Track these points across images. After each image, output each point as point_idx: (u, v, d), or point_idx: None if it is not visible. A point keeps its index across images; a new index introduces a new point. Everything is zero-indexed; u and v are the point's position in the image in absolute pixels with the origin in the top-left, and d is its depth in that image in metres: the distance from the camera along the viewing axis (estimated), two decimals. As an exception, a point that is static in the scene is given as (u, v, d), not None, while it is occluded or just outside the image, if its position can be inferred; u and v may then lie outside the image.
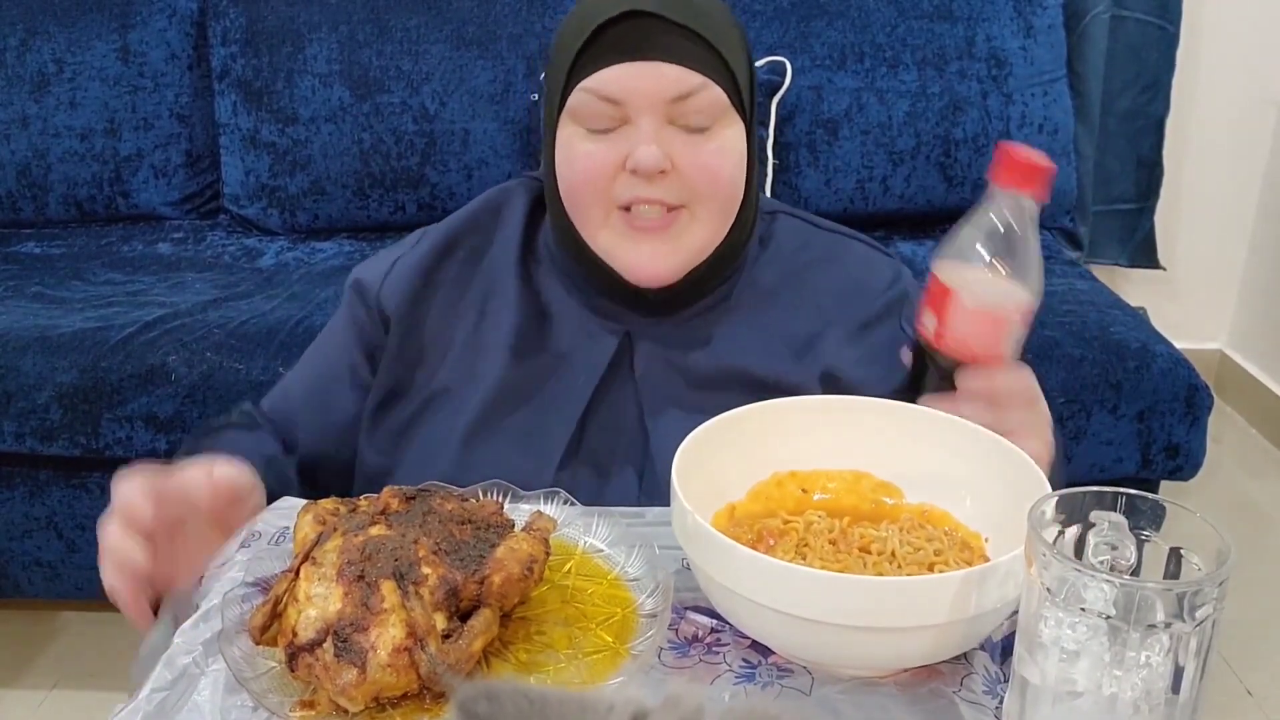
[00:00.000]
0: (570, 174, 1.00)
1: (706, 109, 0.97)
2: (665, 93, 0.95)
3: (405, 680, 0.68)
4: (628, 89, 0.95)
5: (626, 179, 0.97)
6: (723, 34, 0.98)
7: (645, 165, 0.95)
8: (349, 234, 2.35)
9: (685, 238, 1.00)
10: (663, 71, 0.95)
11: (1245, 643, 1.96)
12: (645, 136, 0.96)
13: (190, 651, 0.75)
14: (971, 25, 2.22)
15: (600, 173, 0.98)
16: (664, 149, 0.96)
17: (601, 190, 0.99)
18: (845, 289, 1.09)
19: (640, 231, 0.99)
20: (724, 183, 1.00)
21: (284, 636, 0.70)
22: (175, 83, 2.38)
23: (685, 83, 0.95)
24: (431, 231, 1.14)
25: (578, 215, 1.02)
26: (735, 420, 0.86)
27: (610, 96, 0.96)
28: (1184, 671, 0.58)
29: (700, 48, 0.96)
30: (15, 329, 1.86)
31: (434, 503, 0.81)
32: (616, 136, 0.97)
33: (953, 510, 0.85)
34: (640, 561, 0.83)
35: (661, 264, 1.01)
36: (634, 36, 0.95)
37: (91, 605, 2.08)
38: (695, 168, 0.97)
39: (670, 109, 0.96)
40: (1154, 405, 1.73)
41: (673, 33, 0.95)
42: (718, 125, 0.98)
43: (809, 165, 2.21)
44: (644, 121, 0.96)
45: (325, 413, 1.10)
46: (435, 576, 0.73)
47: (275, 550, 0.84)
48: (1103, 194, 2.55)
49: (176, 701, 0.71)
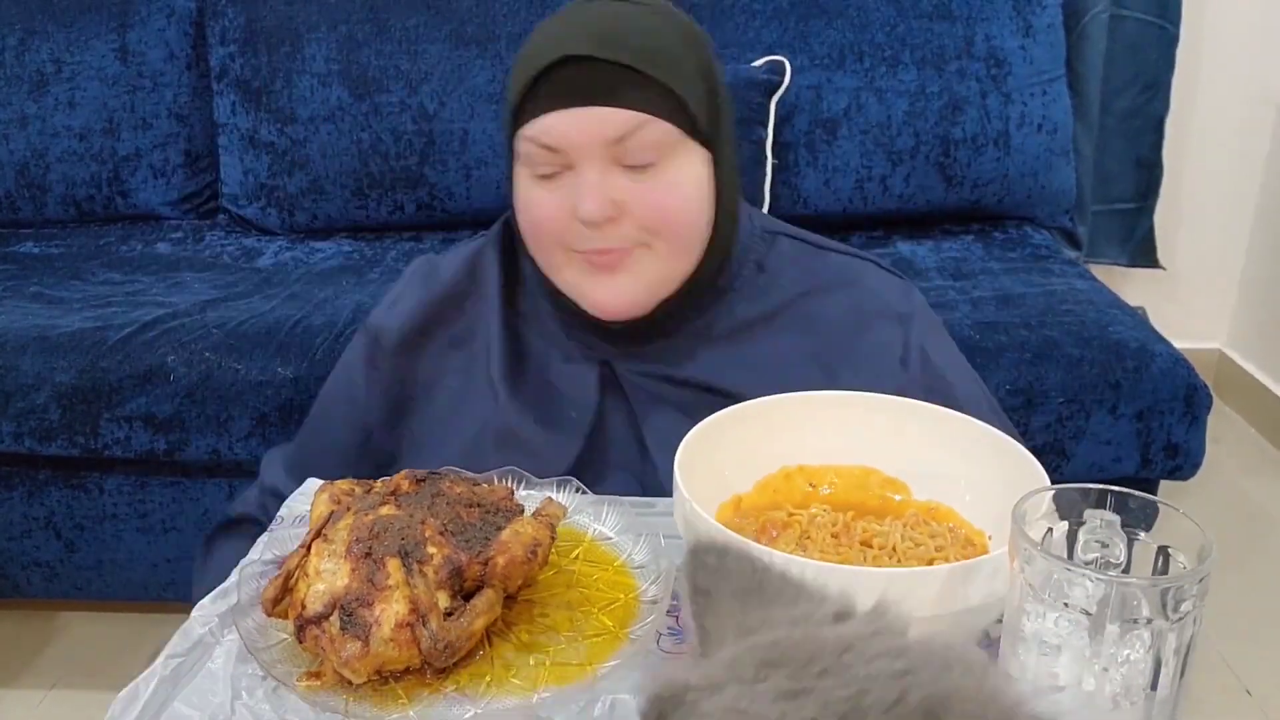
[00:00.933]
0: (526, 219, 1.01)
1: (651, 146, 0.95)
2: (605, 136, 0.94)
3: (407, 655, 0.71)
4: (565, 136, 0.95)
5: (578, 227, 0.97)
6: (670, 64, 0.95)
7: (589, 218, 0.95)
8: (348, 234, 2.35)
9: (645, 270, 0.99)
10: (599, 115, 0.94)
11: (1245, 643, 1.96)
12: (588, 186, 0.95)
13: (207, 623, 0.78)
14: (971, 25, 2.22)
15: (552, 221, 0.98)
16: (609, 194, 0.95)
17: (557, 236, 0.99)
18: (851, 320, 1.07)
19: (598, 269, 0.99)
20: (678, 217, 0.98)
21: (294, 609, 0.73)
22: (174, 82, 2.38)
23: (625, 123, 0.94)
24: (428, 278, 1.13)
25: (539, 257, 1.03)
26: (743, 414, 0.86)
27: (549, 145, 0.95)
28: (1163, 668, 0.58)
29: (642, 84, 0.94)
30: (14, 329, 1.86)
31: (444, 485, 0.83)
32: (563, 183, 0.97)
33: (958, 508, 0.85)
34: (645, 549, 0.85)
35: (624, 299, 1.00)
36: (569, 82, 0.94)
37: (90, 605, 2.08)
38: (645, 207, 0.96)
39: (613, 150, 0.95)
40: (1153, 405, 1.73)
41: (611, 73, 0.93)
42: (667, 160, 0.96)
43: (808, 165, 2.21)
44: (586, 168, 0.95)
45: None
46: (440, 556, 0.75)
47: (296, 532, 0.87)
48: (1102, 194, 2.55)
49: (191, 668, 0.75)
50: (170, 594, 1.95)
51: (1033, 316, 1.84)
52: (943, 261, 2.13)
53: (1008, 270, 2.06)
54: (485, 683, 0.73)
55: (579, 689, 0.72)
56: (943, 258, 2.15)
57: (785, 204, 2.22)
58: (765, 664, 0.29)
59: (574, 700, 0.71)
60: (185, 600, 0.85)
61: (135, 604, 2.02)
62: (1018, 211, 2.30)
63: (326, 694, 0.71)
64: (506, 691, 0.72)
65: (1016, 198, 2.27)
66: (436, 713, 0.70)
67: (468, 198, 2.30)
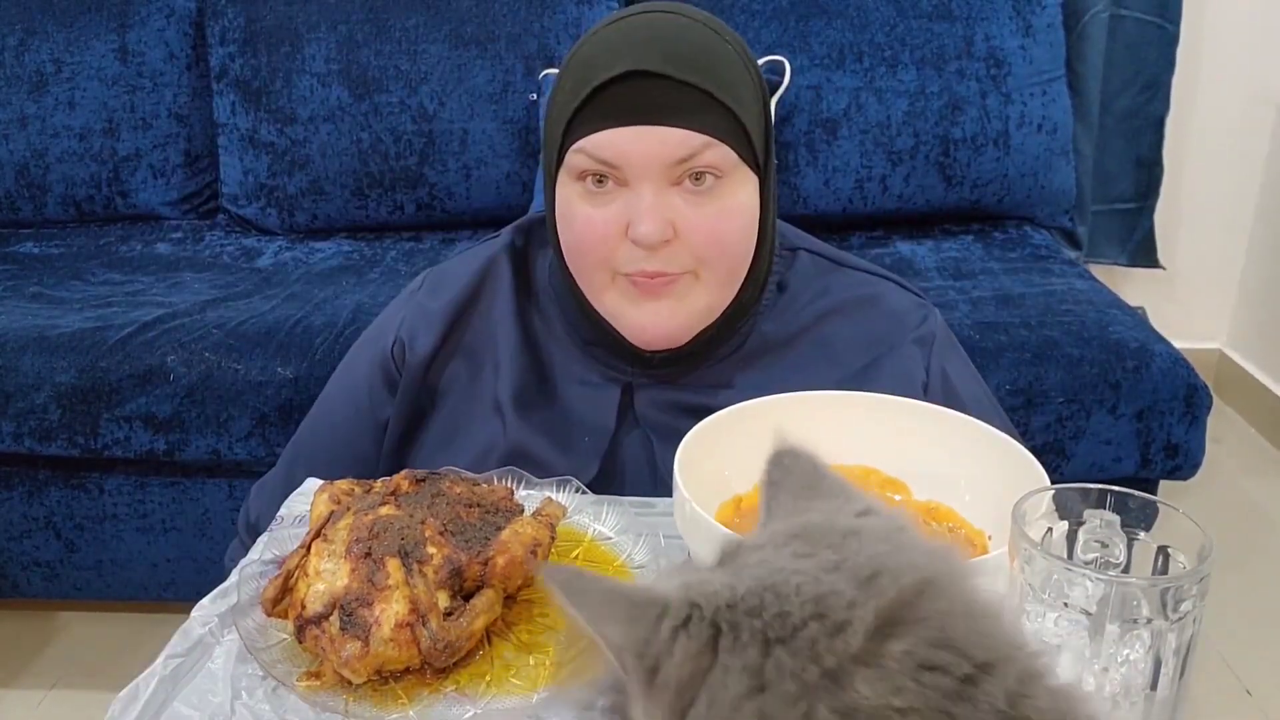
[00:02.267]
0: (570, 236, 0.96)
1: (712, 169, 0.91)
2: (667, 157, 0.90)
3: (407, 655, 0.71)
4: (626, 154, 0.90)
5: (629, 248, 0.93)
6: (734, 86, 0.92)
7: (646, 240, 0.91)
8: (347, 234, 2.35)
9: (690, 299, 0.96)
10: (664, 136, 0.89)
11: (1245, 643, 1.96)
12: (646, 207, 0.90)
13: (206, 623, 0.79)
14: (970, 25, 2.22)
15: (601, 240, 0.94)
16: (666, 215, 0.91)
17: (603, 257, 0.95)
18: (868, 341, 1.04)
19: (644, 293, 0.95)
20: (731, 246, 0.95)
21: (293, 609, 0.73)
22: (173, 82, 2.38)
23: (688, 145, 0.90)
24: (436, 289, 1.10)
25: (581, 277, 0.98)
26: (743, 414, 0.86)
27: (607, 160, 0.91)
28: (1163, 668, 0.58)
29: (707, 106, 0.90)
30: (14, 329, 1.86)
31: (444, 485, 0.83)
32: (616, 200, 0.92)
33: (958, 508, 0.85)
34: (646, 549, 0.85)
35: (667, 326, 0.97)
36: (634, 98, 0.89)
37: (90, 605, 2.08)
38: (701, 232, 0.93)
39: (672, 171, 0.91)
40: (1153, 405, 1.73)
41: (677, 92, 0.89)
42: (725, 183, 0.93)
43: (808, 165, 2.21)
44: (644, 188, 0.91)
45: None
46: (440, 556, 0.75)
47: (296, 532, 0.87)
48: (1102, 193, 2.55)
49: (191, 668, 0.75)
50: (170, 594, 1.95)
51: (1033, 316, 1.84)
52: (943, 261, 2.13)
53: (1008, 270, 2.06)
54: (485, 683, 0.73)
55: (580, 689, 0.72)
56: (943, 258, 2.15)
57: (785, 204, 2.22)
58: (792, 536, 0.40)
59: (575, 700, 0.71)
60: (185, 600, 0.85)
61: (135, 604, 2.02)
62: (1018, 211, 2.30)
63: (326, 694, 0.71)
64: (506, 691, 0.72)
65: (1016, 198, 2.27)
66: (436, 713, 0.70)
67: (467, 198, 2.30)
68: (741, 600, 0.37)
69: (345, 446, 1.10)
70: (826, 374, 1.01)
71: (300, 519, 0.91)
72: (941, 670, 0.35)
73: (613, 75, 0.89)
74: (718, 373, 1.03)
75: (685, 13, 0.95)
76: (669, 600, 0.38)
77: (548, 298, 1.06)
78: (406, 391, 1.06)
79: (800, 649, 0.35)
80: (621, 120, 0.90)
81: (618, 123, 0.90)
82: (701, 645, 0.36)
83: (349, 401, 1.10)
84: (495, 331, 1.06)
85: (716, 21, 0.96)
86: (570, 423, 1.03)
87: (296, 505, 0.94)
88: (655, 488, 1.00)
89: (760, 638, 0.36)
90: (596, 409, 1.03)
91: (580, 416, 1.03)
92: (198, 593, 0.83)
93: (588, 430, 1.02)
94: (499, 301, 1.07)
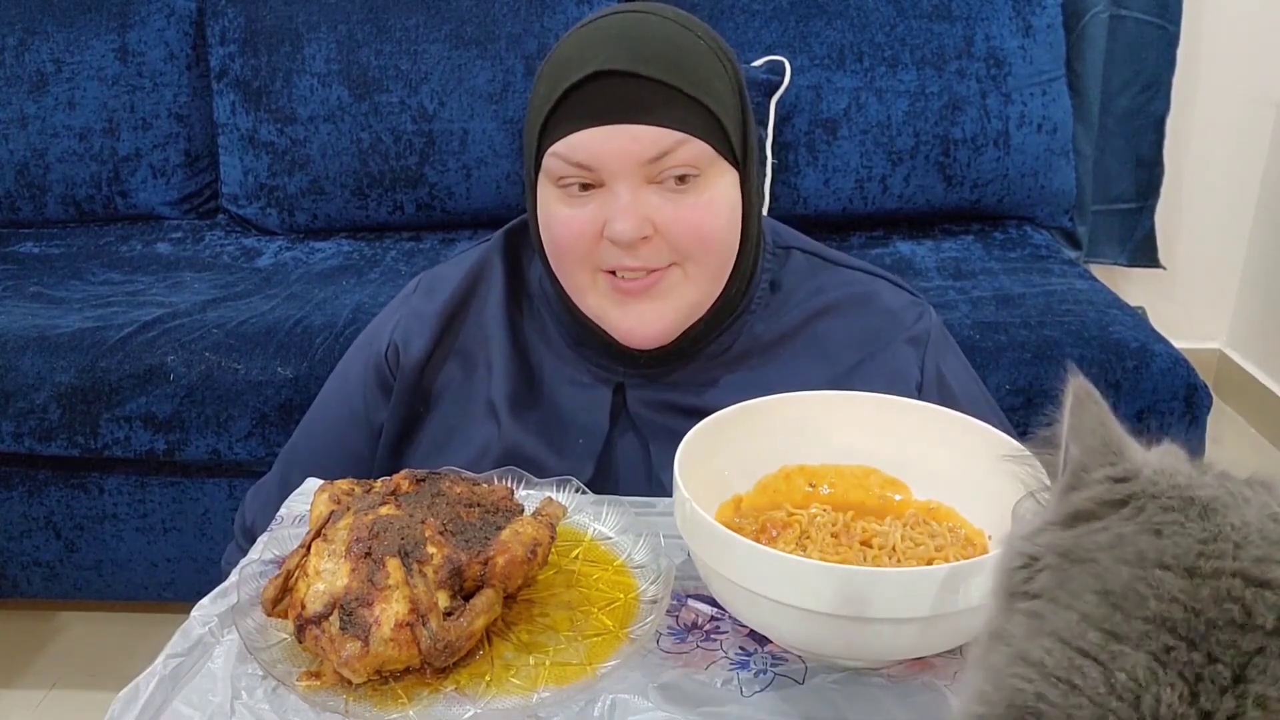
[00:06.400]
0: (551, 238, 0.97)
1: (687, 165, 0.92)
2: (640, 155, 0.90)
3: (407, 654, 0.71)
4: (599, 154, 0.91)
5: (608, 245, 0.93)
6: (706, 82, 0.92)
7: (622, 238, 0.91)
8: (347, 234, 2.35)
9: (675, 296, 0.96)
10: (636, 134, 0.90)
11: (1245, 642, 1.96)
12: (621, 206, 0.91)
13: (207, 623, 0.79)
14: (970, 25, 2.22)
15: (580, 239, 0.94)
16: (643, 212, 0.91)
17: (583, 256, 0.95)
18: (861, 339, 1.04)
19: (628, 295, 0.96)
20: (712, 239, 0.95)
21: (293, 609, 0.73)
22: (174, 82, 2.38)
23: (661, 143, 0.90)
24: (431, 291, 1.10)
25: (564, 278, 0.99)
26: (743, 414, 0.86)
27: (581, 162, 0.91)
28: None
29: (679, 102, 0.90)
30: (14, 329, 1.86)
31: (444, 485, 0.83)
32: (593, 200, 0.93)
33: (959, 508, 0.85)
34: (646, 549, 0.85)
35: (653, 326, 0.97)
36: (605, 98, 0.90)
37: (90, 605, 2.08)
38: (680, 226, 0.93)
39: (648, 169, 0.91)
40: (1153, 405, 1.73)
41: (648, 90, 0.90)
42: (703, 178, 0.93)
43: (808, 165, 2.21)
44: (620, 187, 0.91)
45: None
46: (440, 556, 0.75)
47: (296, 532, 0.87)
48: (1102, 193, 2.55)
49: (191, 668, 0.75)
50: (170, 594, 1.95)
51: (1033, 316, 1.83)
52: (943, 261, 2.13)
53: (1007, 270, 2.06)
54: (485, 683, 0.73)
55: (579, 689, 0.72)
56: (943, 258, 2.15)
57: (785, 204, 2.22)
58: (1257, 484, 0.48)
59: (574, 700, 0.71)
60: (185, 600, 0.85)
61: (135, 604, 2.02)
62: (1018, 211, 2.30)
63: (326, 694, 0.71)
64: (506, 691, 0.72)
65: (1016, 198, 2.27)
66: (436, 712, 0.70)
67: (467, 198, 2.30)
68: (1171, 489, 0.45)
69: (340, 450, 1.10)
70: (818, 372, 1.01)
71: (300, 519, 0.91)
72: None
73: (583, 76, 0.90)
74: (709, 371, 1.03)
75: (658, 11, 0.95)
76: (1136, 467, 0.46)
77: (539, 299, 1.07)
78: (401, 395, 1.06)
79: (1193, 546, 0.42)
80: (593, 120, 0.90)
81: (589, 123, 0.90)
82: (1118, 499, 0.44)
83: (344, 405, 1.11)
84: (488, 334, 1.06)
85: (690, 18, 0.97)
86: (564, 424, 1.03)
87: (296, 505, 0.94)
88: (650, 487, 1.01)
89: (1178, 519, 0.43)
90: (589, 409, 1.03)
91: (573, 417, 1.03)
92: (197, 593, 0.83)
93: (582, 431, 1.03)
94: (491, 304, 1.07)
